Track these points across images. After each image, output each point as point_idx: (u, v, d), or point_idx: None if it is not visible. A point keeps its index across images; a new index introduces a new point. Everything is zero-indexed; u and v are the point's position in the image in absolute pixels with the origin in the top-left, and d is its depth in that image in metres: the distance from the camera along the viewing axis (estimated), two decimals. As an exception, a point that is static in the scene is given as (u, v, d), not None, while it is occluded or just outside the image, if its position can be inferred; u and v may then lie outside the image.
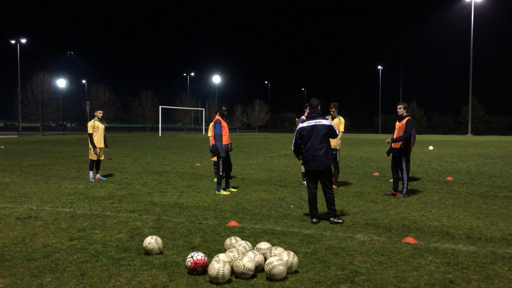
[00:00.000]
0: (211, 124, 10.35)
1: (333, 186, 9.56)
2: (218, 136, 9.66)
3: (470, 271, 4.90)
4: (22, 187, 10.67)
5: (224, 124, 9.91)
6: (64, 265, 5.01)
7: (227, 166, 10.17)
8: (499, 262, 5.20)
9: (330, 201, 7.23)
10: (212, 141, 10.04)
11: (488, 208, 8.43)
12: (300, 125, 7.35)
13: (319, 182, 7.42)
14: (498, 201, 9.11)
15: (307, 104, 8.34)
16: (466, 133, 67.96)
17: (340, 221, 7.13)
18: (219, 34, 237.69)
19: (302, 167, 11.33)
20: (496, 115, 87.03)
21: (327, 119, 7.34)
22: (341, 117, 11.33)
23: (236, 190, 10.24)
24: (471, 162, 18.30)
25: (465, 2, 65.97)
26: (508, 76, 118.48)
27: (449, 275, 4.75)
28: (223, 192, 9.82)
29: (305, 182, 11.43)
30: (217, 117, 9.88)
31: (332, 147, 8.84)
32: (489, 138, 49.68)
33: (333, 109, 11.21)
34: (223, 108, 10.01)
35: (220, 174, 9.86)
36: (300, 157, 7.61)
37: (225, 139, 9.90)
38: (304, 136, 7.24)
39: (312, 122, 7.23)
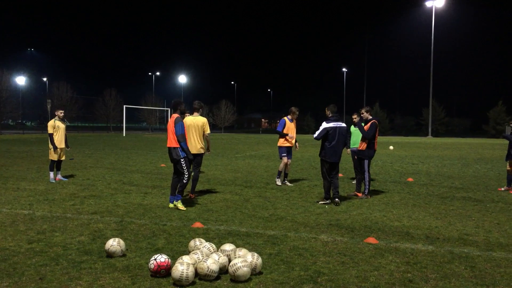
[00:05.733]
0: (170, 123, 8.36)
1: (190, 195, 9.49)
2: (182, 136, 8.18)
3: (429, 270, 5.05)
4: (-22, 188, 10.27)
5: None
6: (22, 269, 4.86)
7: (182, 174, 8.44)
8: (456, 261, 5.38)
9: (336, 185, 9.02)
10: (172, 144, 8.30)
11: (446, 208, 8.71)
12: (326, 125, 8.93)
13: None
14: (456, 202, 9.43)
15: (327, 108, 9.30)
16: (426, 135, 69.95)
17: (337, 200, 8.90)
18: (185, 34, 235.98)
19: (282, 165, 11.47)
20: (455, 118, 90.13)
21: (344, 123, 9.12)
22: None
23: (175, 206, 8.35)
24: (431, 163, 18.85)
25: (426, 8, 67.95)
26: (467, 80, 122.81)
27: (409, 274, 4.88)
28: (180, 205, 8.26)
29: (278, 181, 11.56)
30: (177, 115, 8.39)
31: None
32: (448, 140, 51.30)
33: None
34: (183, 105, 8.61)
35: (185, 181, 8.33)
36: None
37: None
38: (330, 134, 8.91)
39: (336, 124, 8.96)
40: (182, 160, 8.27)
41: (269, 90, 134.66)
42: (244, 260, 4.69)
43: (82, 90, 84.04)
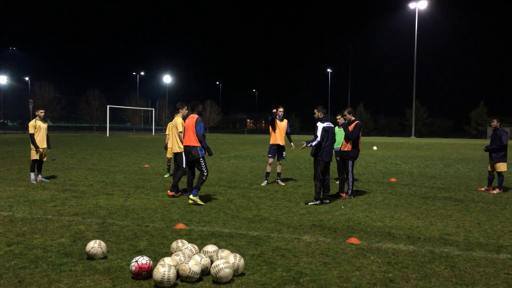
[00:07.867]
0: (190, 123, 8.96)
1: (169, 192, 9.78)
2: (203, 136, 8.90)
3: (410, 270, 5.10)
4: (-43, 190, 10.08)
5: None
6: (0, 272, 4.78)
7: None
8: (436, 261, 5.44)
9: (327, 187, 9.30)
10: (191, 143, 8.88)
11: (428, 208, 8.81)
12: (323, 125, 9.06)
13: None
14: (437, 202, 9.54)
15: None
16: (410, 135, 70.64)
17: (327, 201, 9.17)
18: (169, 33, 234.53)
19: (268, 166, 11.56)
20: (438, 119, 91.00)
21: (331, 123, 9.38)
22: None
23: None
24: (413, 163, 19.05)
25: (410, 10, 68.68)
26: (450, 81, 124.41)
27: (390, 274, 4.92)
28: (198, 201, 8.78)
29: (264, 182, 11.60)
30: (196, 115, 9.02)
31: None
32: (431, 141, 51.88)
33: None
34: (201, 107, 9.32)
35: (205, 178, 8.94)
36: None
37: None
38: (327, 134, 9.08)
39: (329, 124, 9.20)
40: (201, 158, 8.90)
41: (254, 90, 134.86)
42: (226, 261, 4.68)
43: (65, 90, 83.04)
